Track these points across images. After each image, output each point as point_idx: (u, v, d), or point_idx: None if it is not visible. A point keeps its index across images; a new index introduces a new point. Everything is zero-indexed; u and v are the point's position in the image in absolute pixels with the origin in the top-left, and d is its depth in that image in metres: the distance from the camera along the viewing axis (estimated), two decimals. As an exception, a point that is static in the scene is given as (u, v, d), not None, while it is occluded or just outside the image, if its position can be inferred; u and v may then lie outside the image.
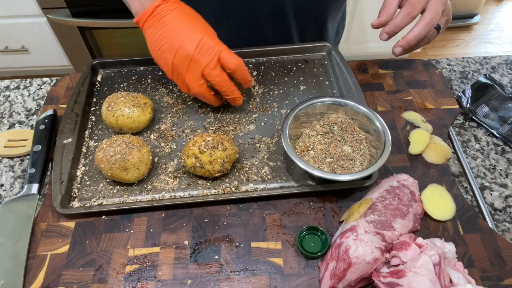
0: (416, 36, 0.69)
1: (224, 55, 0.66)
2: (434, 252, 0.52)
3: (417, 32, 0.68)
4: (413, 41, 0.69)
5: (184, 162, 0.66)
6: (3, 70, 2.16)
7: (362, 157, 0.67)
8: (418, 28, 0.68)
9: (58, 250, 0.61)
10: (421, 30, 0.68)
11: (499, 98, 0.78)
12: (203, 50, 0.65)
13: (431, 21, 0.67)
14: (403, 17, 0.69)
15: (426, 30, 0.68)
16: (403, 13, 0.68)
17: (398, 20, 0.69)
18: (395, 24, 0.69)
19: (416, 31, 0.68)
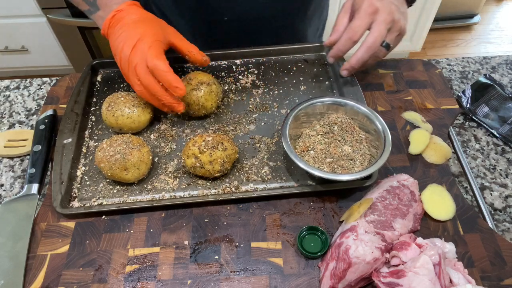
0: (359, 60, 0.70)
1: (147, 55, 0.65)
2: (434, 252, 0.52)
3: (360, 56, 0.70)
4: (356, 64, 0.71)
5: (184, 162, 0.66)
6: (3, 70, 2.16)
7: (362, 157, 0.67)
8: (360, 52, 0.69)
9: (58, 250, 0.61)
10: (363, 54, 0.69)
11: (499, 98, 0.78)
12: (137, 52, 0.65)
13: (373, 45, 0.68)
14: (344, 42, 0.70)
15: (368, 53, 0.69)
16: (344, 38, 0.70)
17: (341, 45, 0.71)
18: (338, 48, 0.71)
19: (358, 55, 0.70)
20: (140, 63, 0.65)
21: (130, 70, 0.66)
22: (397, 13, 0.68)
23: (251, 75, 0.83)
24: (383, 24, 0.67)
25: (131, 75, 0.67)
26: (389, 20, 0.67)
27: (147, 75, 0.65)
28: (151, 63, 0.64)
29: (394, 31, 0.69)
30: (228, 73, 0.84)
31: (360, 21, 0.68)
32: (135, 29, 0.67)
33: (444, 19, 2.41)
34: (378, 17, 0.67)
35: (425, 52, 2.36)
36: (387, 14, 0.67)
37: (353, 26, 0.68)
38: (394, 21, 0.68)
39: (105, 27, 0.70)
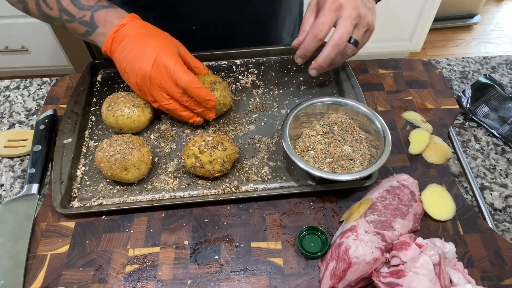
0: (326, 58, 0.68)
1: (175, 73, 0.65)
2: (434, 252, 0.52)
3: (326, 54, 0.68)
4: (324, 63, 0.69)
5: (184, 162, 0.66)
6: (3, 70, 2.16)
7: (362, 157, 0.67)
8: (326, 50, 0.68)
9: (58, 250, 0.61)
10: (330, 52, 0.67)
11: (499, 98, 0.78)
12: (160, 68, 0.65)
13: (339, 41, 0.66)
14: (309, 41, 0.68)
15: (335, 51, 0.67)
16: (309, 36, 0.68)
17: (307, 44, 0.69)
18: (304, 48, 0.70)
19: (325, 53, 0.68)
20: (167, 80, 0.65)
21: (154, 87, 0.66)
22: (363, 8, 0.66)
23: (251, 75, 0.83)
24: (348, 20, 0.65)
25: (156, 92, 0.67)
26: (354, 16, 0.65)
27: (178, 92, 0.66)
28: (184, 80, 0.65)
29: (361, 27, 0.67)
30: (228, 73, 0.84)
31: (324, 18, 0.66)
32: (148, 44, 0.66)
33: (444, 19, 2.41)
34: (343, 13, 0.65)
35: (425, 52, 2.36)
36: (352, 9, 0.65)
37: (317, 23, 0.66)
38: (360, 16, 0.66)
39: (108, 43, 0.68)
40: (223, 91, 0.72)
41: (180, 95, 0.67)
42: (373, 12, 0.69)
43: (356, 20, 0.66)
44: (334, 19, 0.66)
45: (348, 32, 0.66)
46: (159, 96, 0.67)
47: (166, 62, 0.65)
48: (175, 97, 0.67)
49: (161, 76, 0.65)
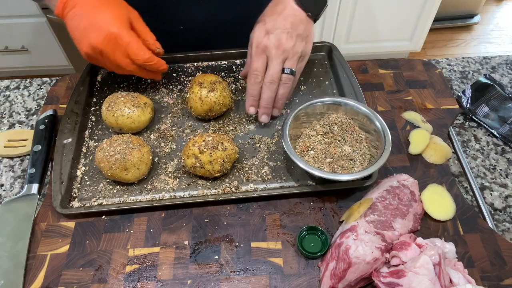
0: (267, 100, 0.70)
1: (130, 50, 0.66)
2: (434, 252, 0.52)
3: (265, 96, 0.70)
4: (267, 105, 0.71)
5: (184, 162, 0.66)
6: (3, 70, 2.16)
7: (362, 157, 0.67)
8: (263, 93, 0.70)
9: (58, 250, 0.61)
10: (266, 92, 0.69)
11: (499, 98, 0.78)
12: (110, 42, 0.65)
13: (272, 81, 0.68)
14: (251, 87, 0.70)
15: (271, 90, 0.69)
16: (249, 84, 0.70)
17: (250, 91, 0.71)
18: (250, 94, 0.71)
19: (264, 96, 0.70)
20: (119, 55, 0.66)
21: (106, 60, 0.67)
22: (289, 40, 0.68)
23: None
24: (274, 60, 0.68)
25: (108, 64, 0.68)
26: (280, 53, 0.67)
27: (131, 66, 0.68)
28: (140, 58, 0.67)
29: (291, 57, 0.69)
30: (228, 73, 0.83)
31: (256, 63, 0.69)
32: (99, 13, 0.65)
33: (444, 19, 2.41)
34: (269, 54, 0.68)
35: (425, 52, 2.36)
36: (275, 48, 0.67)
37: (251, 70, 0.69)
38: (286, 50, 0.68)
39: (60, 8, 0.67)
40: (223, 91, 0.72)
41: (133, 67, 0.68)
42: (303, 38, 0.70)
43: (283, 55, 0.68)
44: (264, 61, 0.69)
45: (277, 70, 0.68)
46: (111, 67, 0.69)
47: (119, 36, 0.65)
48: (127, 68, 0.68)
49: (114, 51, 0.65)
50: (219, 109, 0.73)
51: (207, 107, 0.71)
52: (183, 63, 0.85)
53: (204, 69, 0.84)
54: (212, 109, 0.72)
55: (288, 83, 0.70)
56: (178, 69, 0.84)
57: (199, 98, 0.71)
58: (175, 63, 0.84)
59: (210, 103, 0.71)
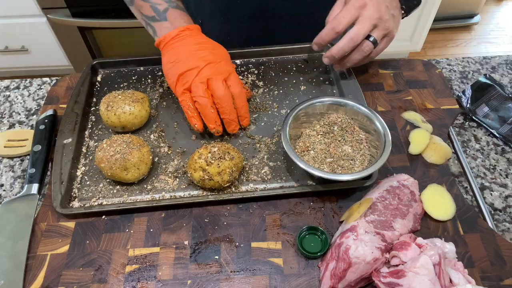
0: (339, 49, 0.70)
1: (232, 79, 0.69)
2: (434, 252, 0.52)
3: (340, 46, 0.69)
4: (337, 54, 0.70)
5: (191, 176, 0.64)
6: (3, 70, 2.16)
7: (362, 157, 0.67)
8: (341, 41, 0.69)
9: (58, 250, 0.61)
10: (344, 44, 0.69)
11: (499, 98, 0.78)
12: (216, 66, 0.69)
13: (355, 37, 0.67)
14: (327, 31, 0.70)
15: (349, 44, 0.68)
16: (327, 27, 0.70)
17: (323, 34, 0.71)
18: (320, 36, 0.71)
19: (340, 44, 0.69)
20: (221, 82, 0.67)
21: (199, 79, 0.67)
22: (386, 13, 0.68)
23: (251, 75, 0.83)
24: (368, 19, 0.67)
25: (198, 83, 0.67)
26: (375, 17, 0.67)
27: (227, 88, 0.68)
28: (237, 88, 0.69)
29: (381, 29, 0.68)
30: (228, 73, 0.83)
31: (346, 13, 0.67)
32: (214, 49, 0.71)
33: (444, 19, 2.41)
34: (364, 12, 0.67)
35: (425, 52, 2.36)
36: (374, 10, 0.67)
37: (337, 17, 0.68)
38: (381, 18, 0.67)
39: (169, 36, 0.71)
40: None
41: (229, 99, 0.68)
42: (395, 21, 0.70)
43: (376, 21, 0.67)
44: (355, 15, 0.67)
45: (366, 30, 0.67)
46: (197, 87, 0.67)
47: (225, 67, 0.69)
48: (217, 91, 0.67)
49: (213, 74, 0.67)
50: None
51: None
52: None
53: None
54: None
55: (365, 52, 0.69)
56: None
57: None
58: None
59: None
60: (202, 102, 0.67)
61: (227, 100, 0.68)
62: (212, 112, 0.68)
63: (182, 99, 0.69)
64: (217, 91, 0.67)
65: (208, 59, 0.69)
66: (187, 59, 0.69)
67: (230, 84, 0.69)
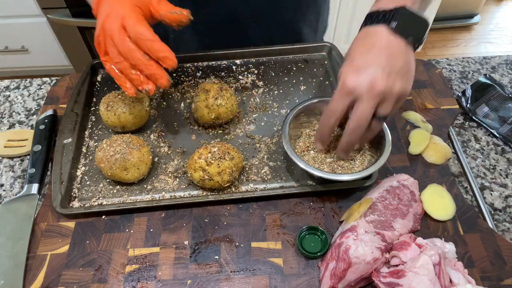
0: (346, 144, 0.60)
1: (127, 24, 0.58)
2: (434, 252, 0.52)
3: (345, 141, 0.60)
4: (346, 148, 0.61)
5: (191, 176, 0.64)
6: (3, 70, 2.16)
7: (362, 157, 0.67)
8: (344, 137, 0.59)
9: (58, 250, 0.61)
10: (348, 138, 0.59)
11: (499, 98, 0.78)
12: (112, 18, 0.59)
13: (356, 128, 0.56)
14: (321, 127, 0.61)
15: (353, 136, 0.58)
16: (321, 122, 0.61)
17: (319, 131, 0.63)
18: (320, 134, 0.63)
19: (343, 140, 0.60)
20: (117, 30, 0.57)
21: (107, 40, 0.59)
22: (387, 78, 0.54)
23: (251, 75, 0.83)
24: (365, 103, 0.54)
25: (109, 46, 0.59)
26: (374, 95, 0.54)
27: (125, 41, 0.57)
28: (133, 30, 0.57)
29: (389, 101, 0.55)
30: (228, 73, 0.84)
31: (334, 104, 0.57)
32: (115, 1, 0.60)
33: (444, 19, 2.41)
34: (358, 96, 0.55)
35: (425, 52, 2.36)
36: (368, 90, 0.54)
37: (327, 109, 0.58)
38: (383, 92, 0.54)
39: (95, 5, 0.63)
40: (230, 96, 0.71)
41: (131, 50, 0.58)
42: (403, 74, 0.55)
43: (378, 98, 0.54)
44: (346, 103, 0.56)
45: (366, 117, 0.55)
46: (111, 50, 0.59)
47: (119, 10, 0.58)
48: (125, 54, 0.58)
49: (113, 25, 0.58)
50: (226, 116, 0.71)
51: (214, 115, 0.70)
52: (182, 63, 0.85)
53: (204, 69, 0.84)
54: (219, 117, 0.71)
55: (376, 130, 0.60)
56: (178, 69, 0.84)
57: (206, 106, 0.70)
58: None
59: (217, 110, 0.70)
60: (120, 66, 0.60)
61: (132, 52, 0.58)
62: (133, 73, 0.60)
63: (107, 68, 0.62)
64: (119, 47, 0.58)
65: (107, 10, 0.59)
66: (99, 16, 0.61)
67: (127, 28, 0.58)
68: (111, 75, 0.62)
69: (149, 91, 0.60)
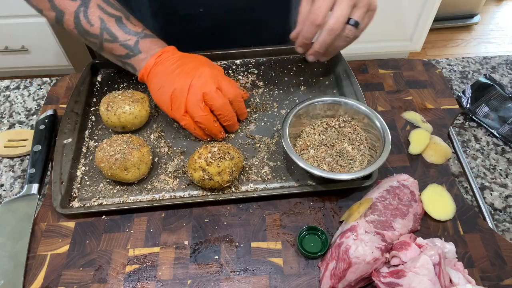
0: (322, 44, 0.67)
1: (224, 84, 0.67)
2: (434, 252, 0.52)
3: (322, 40, 0.66)
4: (320, 48, 0.68)
5: (191, 176, 0.64)
6: (3, 70, 2.16)
7: (362, 157, 0.67)
8: (322, 35, 0.66)
9: (58, 250, 0.61)
10: (326, 38, 0.66)
11: (499, 98, 0.78)
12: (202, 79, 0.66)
13: (335, 26, 0.64)
14: (307, 28, 0.66)
15: (331, 36, 0.65)
16: (307, 24, 0.66)
17: (304, 32, 0.67)
18: (303, 36, 0.68)
19: (321, 39, 0.66)
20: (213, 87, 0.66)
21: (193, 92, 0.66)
22: None
23: (251, 75, 0.83)
24: (344, 2, 0.62)
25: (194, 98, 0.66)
26: None
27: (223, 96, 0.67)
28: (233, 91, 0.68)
29: (361, 7, 0.64)
30: (228, 73, 0.83)
31: (321, 2, 0.63)
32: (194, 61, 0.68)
33: (444, 19, 2.41)
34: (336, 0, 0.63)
35: (425, 52, 2.36)
36: None
37: (313, 9, 0.64)
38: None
39: (149, 66, 0.69)
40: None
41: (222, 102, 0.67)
42: None
43: (353, 0, 0.63)
44: (331, 2, 0.63)
45: (344, 16, 0.63)
46: (193, 104, 0.66)
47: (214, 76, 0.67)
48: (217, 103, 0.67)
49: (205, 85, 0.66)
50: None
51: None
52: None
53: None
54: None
55: (349, 37, 0.66)
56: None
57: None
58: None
59: None
60: (204, 121, 0.67)
61: (227, 108, 0.68)
62: (216, 126, 0.69)
63: (184, 124, 0.69)
64: (216, 103, 0.66)
65: (193, 72, 0.67)
66: (172, 79, 0.67)
67: (224, 89, 0.67)
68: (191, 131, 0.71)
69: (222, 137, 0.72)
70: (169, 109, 0.68)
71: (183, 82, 0.66)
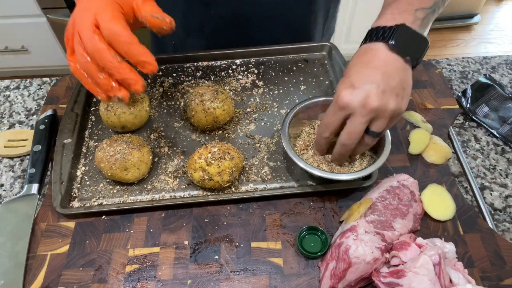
0: (338, 156, 0.61)
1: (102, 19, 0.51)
2: (434, 252, 0.52)
3: (337, 152, 0.61)
4: (338, 159, 0.63)
5: (191, 176, 0.64)
6: (3, 70, 2.16)
7: (362, 157, 0.67)
8: (336, 148, 0.61)
9: (58, 250, 0.61)
10: (340, 150, 0.60)
11: (499, 98, 0.78)
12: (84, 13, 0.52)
13: (346, 142, 0.57)
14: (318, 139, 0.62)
15: (344, 149, 0.59)
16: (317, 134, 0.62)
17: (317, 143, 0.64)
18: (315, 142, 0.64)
19: (335, 151, 0.61)
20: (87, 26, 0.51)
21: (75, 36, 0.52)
22: (381, 96, 0.53)
23: (251, 75, 0.83)
24: (358, 118, 0.54)
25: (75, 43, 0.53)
26: (366, 113, 0.54)
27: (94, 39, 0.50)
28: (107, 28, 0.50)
29: (384, 117, 0.55)
30: (228, 73, 0.84)
31: (328, 118, 0.58)
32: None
33: (444, 19, 2.41)
34: (351, 111, 0.55)
35: (425, 52, 2.36)
36: (361, 107, 0.53)
37: (322, 123, 0.60)
38: (376, 109, 0.53)
39: None
40: (226, 99, 0.71)
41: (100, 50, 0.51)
42: (398, 92, 0.55)
43: (370, 114, 0.54)
44: (340, 118, 0.56)
45: (358, 131, 0.56)
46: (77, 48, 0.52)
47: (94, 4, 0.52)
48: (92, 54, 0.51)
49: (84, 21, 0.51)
50: (223, 118, 0.71)
51: (211, 119, 0.69)
52: (182, 63, 0.85)
53: (204, 69, 0.84)
54: (216, 121, 0.70)
55: (369, 144, 0.59)
56: (178, 69, 0.84)
57: (203, 110, 0.69)
58: (174, 62, 0.85)
59: (214, 113, 0.69)
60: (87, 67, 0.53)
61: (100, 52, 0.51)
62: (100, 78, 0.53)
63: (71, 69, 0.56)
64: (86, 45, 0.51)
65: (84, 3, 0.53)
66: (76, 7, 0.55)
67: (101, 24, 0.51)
68: (77, 78, 0.55)
69: (122, 99, 0.54)
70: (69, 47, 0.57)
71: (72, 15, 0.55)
